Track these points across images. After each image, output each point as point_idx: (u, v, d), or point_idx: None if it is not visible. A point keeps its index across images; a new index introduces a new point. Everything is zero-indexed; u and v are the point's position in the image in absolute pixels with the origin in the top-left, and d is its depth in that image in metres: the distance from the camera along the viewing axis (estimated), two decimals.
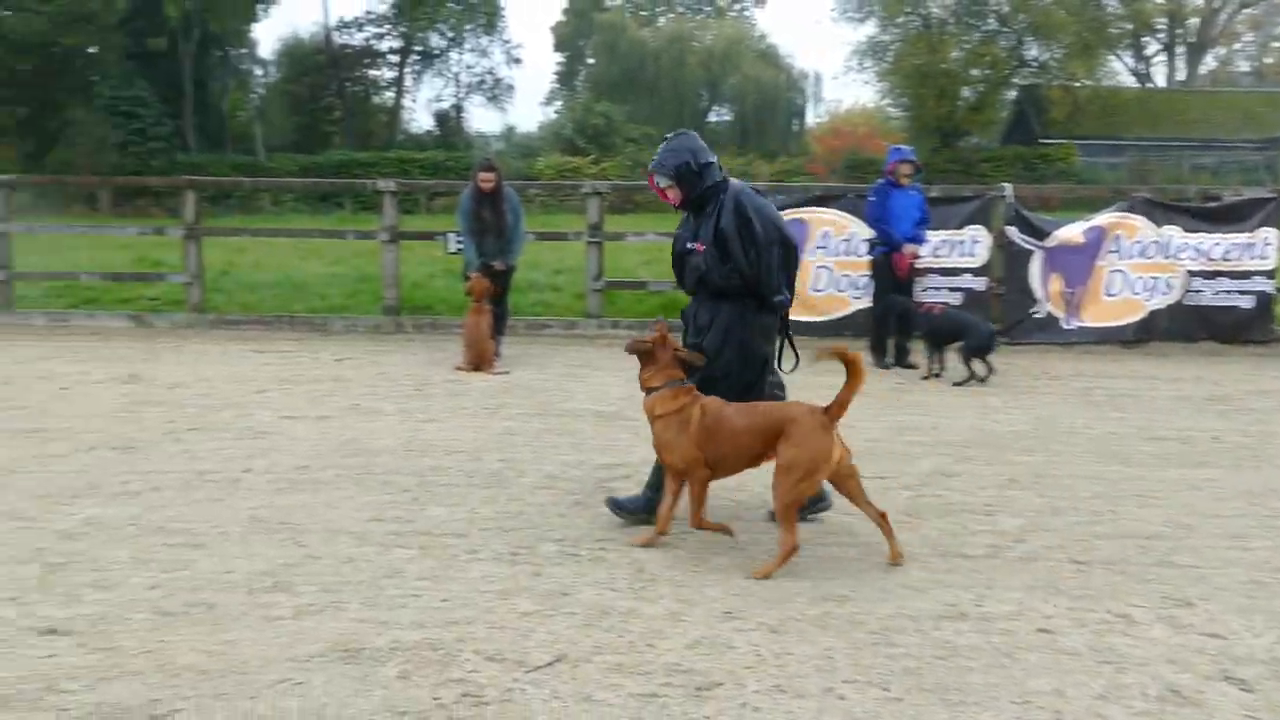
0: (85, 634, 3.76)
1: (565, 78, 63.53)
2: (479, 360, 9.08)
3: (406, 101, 56.85)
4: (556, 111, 59.06)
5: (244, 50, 53.30)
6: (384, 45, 53.84)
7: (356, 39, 53.26)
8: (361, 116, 54.06)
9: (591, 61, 59.37)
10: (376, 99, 56.12)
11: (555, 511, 5.26)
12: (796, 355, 5.17)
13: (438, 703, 3.30)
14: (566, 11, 61.99)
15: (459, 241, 10.08)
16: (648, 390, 4.79)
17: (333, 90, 52.74)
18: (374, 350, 10.27)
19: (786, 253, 4.93)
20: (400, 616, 3.93)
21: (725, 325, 4.92)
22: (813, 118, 57.65)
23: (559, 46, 63.59)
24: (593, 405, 7.80)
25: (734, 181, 5.03)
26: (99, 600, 4.07)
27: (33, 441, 6.52)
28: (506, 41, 62.32)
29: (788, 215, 10.73)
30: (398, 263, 11.62)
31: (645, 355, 4.80)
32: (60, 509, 5.19)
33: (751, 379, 5.00)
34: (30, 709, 3.23)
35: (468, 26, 54.02)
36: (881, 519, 4.60)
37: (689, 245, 5.04)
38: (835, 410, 4.48)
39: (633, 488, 5.47)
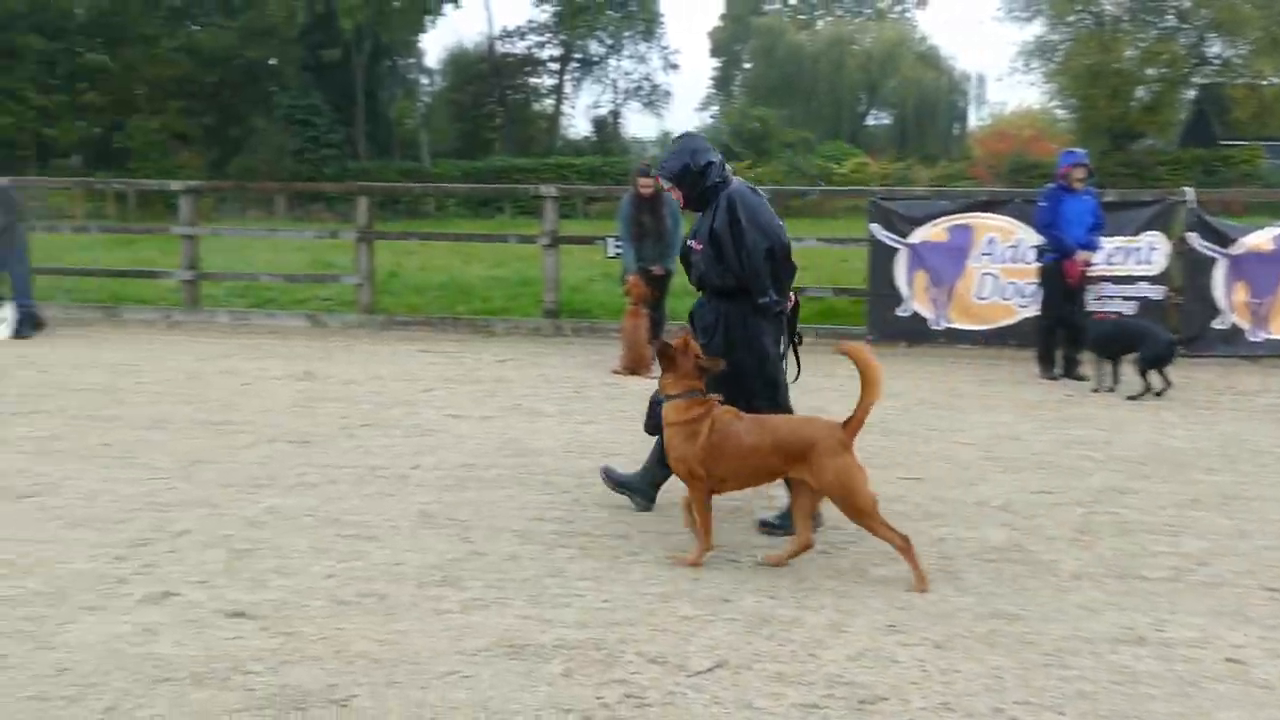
0: (268, 618, 3.95)
1: (721, 82, 63.62)
2: (636, 363, 9.16)
3: (565, 108, 57.89)
4: (712, 116, 59.32)
5: (412, 60, 55.22)
6: (545, 53, 55.03)
7: (518, 47, 54.59)
8: (521, 123, 55.30)
9: (748, 66, 59.30)
10: (536, 106, 57.35)
11: (716, 518, 5.24)
12: (799, 364, 5.20)
13: (601, 702, 3.34)
14: (724, 16, 62.06)
15: (618, 246, 10.18)
16: (666, 397, 4.75)
17: (494, 98, 54.13)
18: (534, 352, 10.48)
19: (776, 255, 4.92)
20: (564, 615, 4.00)
21: (728, 325, 4.99)
22: (975, 120, 56.16)
23: (715, 51, 63.72)
24: None
25: (734, 181, 5.05)
26: (280, 586, 4.27)
27: (219, 434, 6.89)
28: (664, 47, 62.62)
29: (952, 221, 10.51)
30: (558, 267, 11.83)
31: (668, 360, 4.74)
32: (244, 498, 5.47)
33: (771, 374, 5.02)
34: (220, 687, 3.41)
35: (626, 33, 54.74)
36: (804, 548, 4.53)
37: (690, 243, 5.14)
38: (853, 426, 4.41)
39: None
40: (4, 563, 4.49)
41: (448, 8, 50.77)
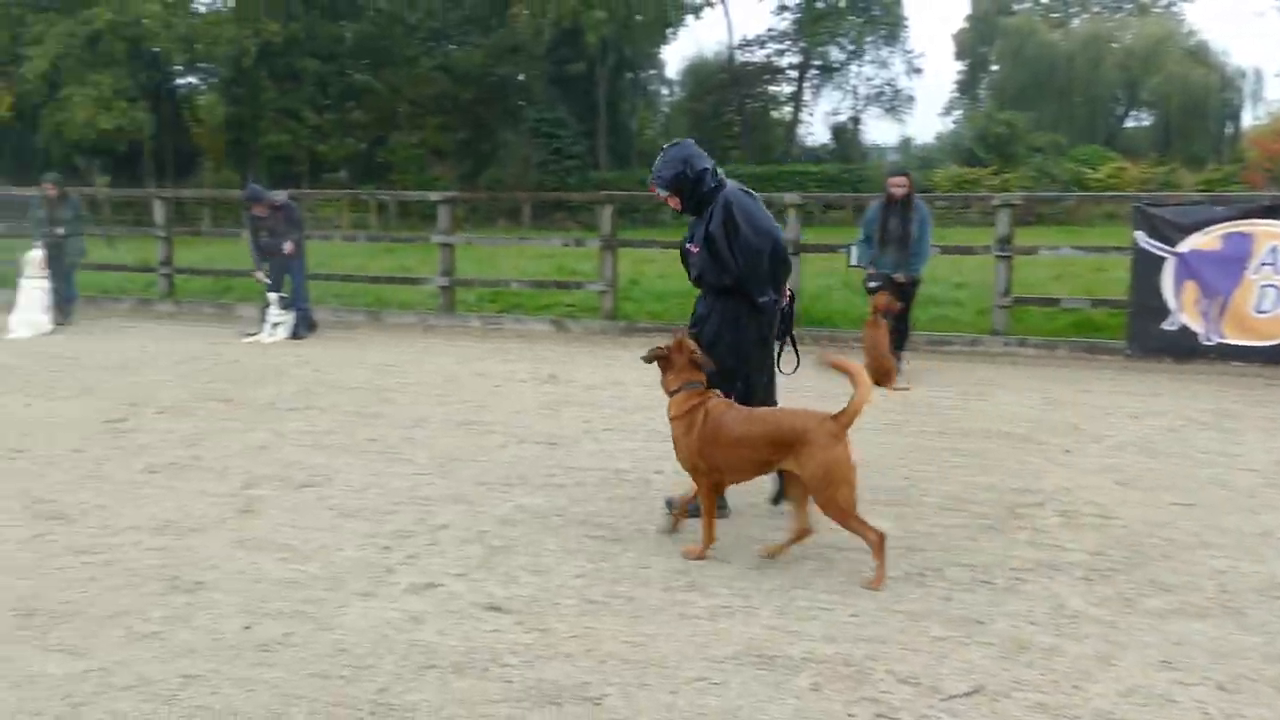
0: (522, 613, 4.09)
1: (966, 86, 61.50)
2: (878, 374, 8.94)
3: (804, 115, 57.52)
4: (955, 121, 57.50)
5: (652, 71, 56.32)
6: (784, 61, 54.85)
7: (757, 56, 54.66)
8: (759, 131, 55.37)
9: (995, 68, 57.07)
10: (774, 114, 57.30)
11: (964, 535, 5.07)
12: (798, 356, 5.41)
13: (851, 719, 3.27)
14: (969, 18, 59.97)
15: (860, 254, 10.00)
16: (670, 394, 4.90)
17: (733, 106, 54.43)
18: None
19: (774, 255, 5.13)
20: (810, 628, 3.94)
21: (720, 319, 5.18)
22: (1250, 120, 51.84)
23: (960, 54, 61.66)
24: (1001, 426, 7.46)
25: (729, 185, 5.20)
26: (532, 583, 4.42)
27: (473, 433, 7.21)
28: (908, 51, 60.81)
29: (1228, 228, 9.75)
30: (799, 275, 11.73)
31: (663, 362, 4.92)
32: (497, 496, 5.70)
33: (746, 371, 5.21)
34: (480, 677, 3.55)
35: (868, 38, 53.84)
36: (801, 534, 4.61)
37: (688, 246, 5.31)
38: (845, 418, 4.44)
39: (1046, 515, 5.17)
40: (287, 547, 4.85)
41: (689, 19, 51.52)
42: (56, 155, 46.75)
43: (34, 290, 12.42)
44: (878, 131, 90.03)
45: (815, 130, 70.53)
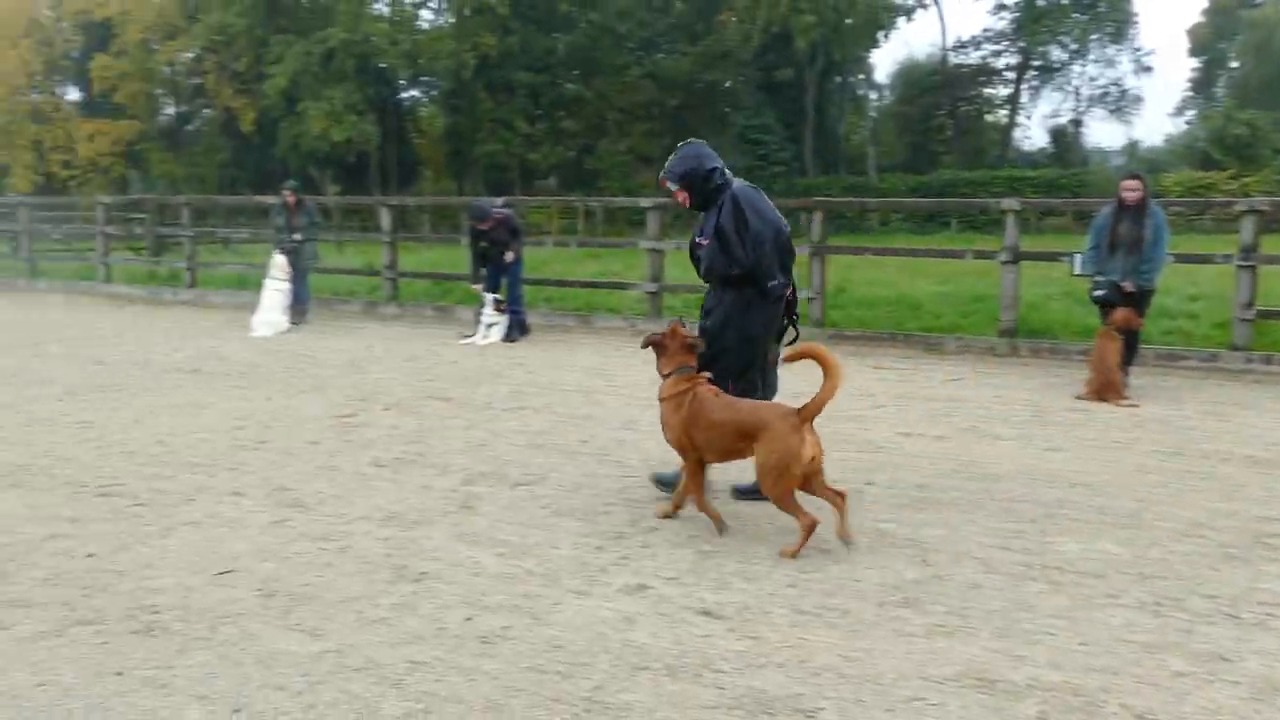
0: (733, 620, 4.08)
1: (1201, 84, 57.80)
2: (1105, 390, 8.50)
3: (1020, 118, 55.40)
4: (1188, 122, 54.11)
5: (861, 76, 55.42)
6: (1000, 62, 52.98)
7: (972, 57, 53.01)
8: (972, 135, 53.70)
9: (1235, 64, 53.40)
10: (989, 117, 55.44)
11: (1205, 564, 4.73)
12: (797, 332, 5.76)
13: None
14: (1207, 11, 56.33)
15: (1085, 262, 9.51)
16: (664, 377, 5.32)
17: (945, 110, 52.97)
18: (988, 372, 10.06)
19: (780, 244, 5.46)
20: (1035, 653, 3.76)
21: (727, 310, 5.50)
22: None
23: (1195, 50, 58.02)
24: (1243, 448, 6.94)
25: (736, 183, 5.58)
26: (744, 590, 4.40)
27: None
28: (1136, 49, 57.38)
29: None
30: (1017, 284, 11.29)
31: (658, 347, 5.37)
32: (715, 502, 5.69)
33: (748, 360, 5.54)
34: (692, 682, 3.56)
35: (1093, 36, 51.31)
36: (839, 498, 4.93)
37: (698, 239, 5.65)
38: (808, 411, 4.77)
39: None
40: (504, 542, 5.00)
41: (899, 21, 50.49)
42: (293, 166, 50.05)
43: (275, 292, 13.31)
44: (1100, 134, 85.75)
45: (1032, 133, 67.87)
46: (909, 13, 50.59)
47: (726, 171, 5.63)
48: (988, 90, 54.08)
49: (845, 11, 45.19)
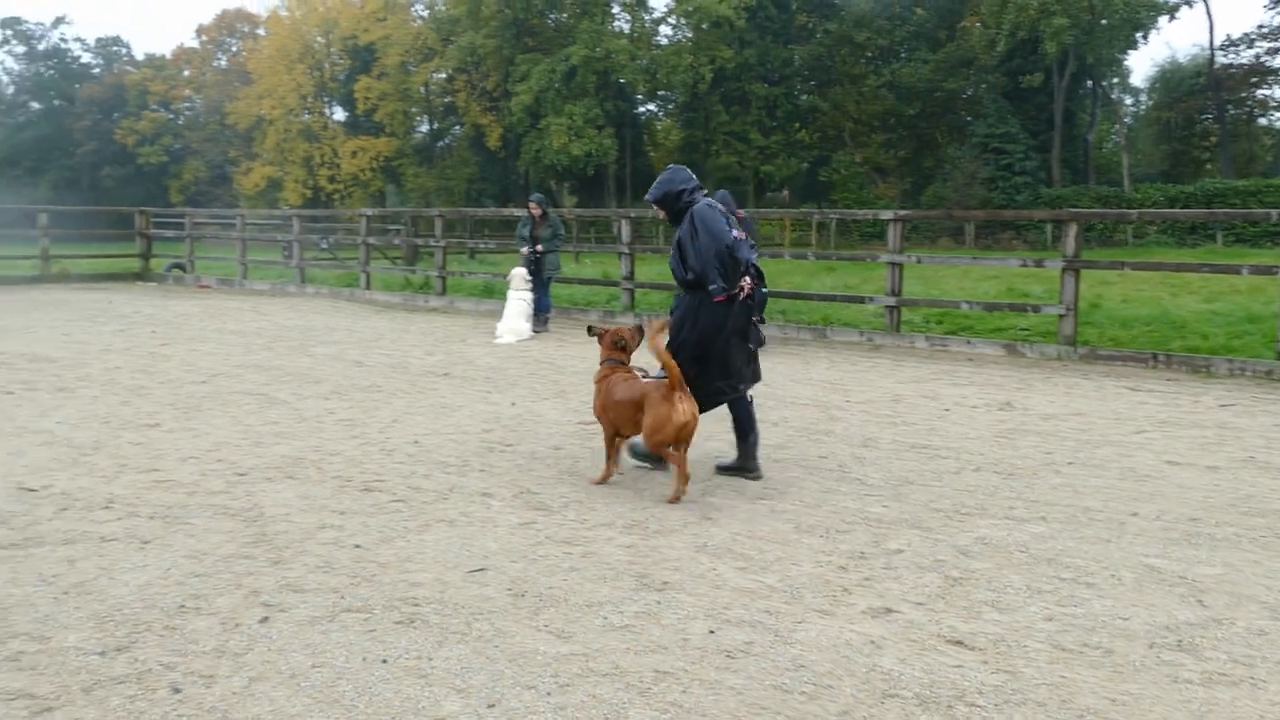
0: (986, 652, 3.88)
1: None
2: None
3: None
4: None
5: (1115, 80, 52.49)
6: (1277, 61, 48.89)
7: (1244, 56, 49.16)
8: (1242, 140, 49.86)
9: None
10: (1261, 120, 51.32)
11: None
12: (761, 336, 6.77)
13: None
14: None
15: None
16: (599, 364, 6.49)
17: (1210, 114, 49.38)
18: (1265, 398, 9.26)
19: (722, 256, 6.11)
20: None
21: (684, 309, 6.32)
22: None
23: None
24: None
25: (702, 201, 6.34)
26: (997, 621, 4.18)
27: (923, 457, 7.03)
28: None
29: None
30: None
31: (599, 338, 6.55)
32: (953, 525, 5.48)
33: (704, 350, 6.21)
34: (944, 714, 3.40)
35: None
36: (682, 478, 5.97)
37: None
38: (671, 383, 5.89)
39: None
40: (744, 556, 4.96)
41: (1161, 20, 47.46)
42: (534, 179, 52.04)
43: (519, 301, 13.82)
44: None
45: None
46: (1172, 11, 47.44)
47: (696, 193, 6.40)
48: (1261, 92, 50.00)
49: (1101, 12, 42.85)
